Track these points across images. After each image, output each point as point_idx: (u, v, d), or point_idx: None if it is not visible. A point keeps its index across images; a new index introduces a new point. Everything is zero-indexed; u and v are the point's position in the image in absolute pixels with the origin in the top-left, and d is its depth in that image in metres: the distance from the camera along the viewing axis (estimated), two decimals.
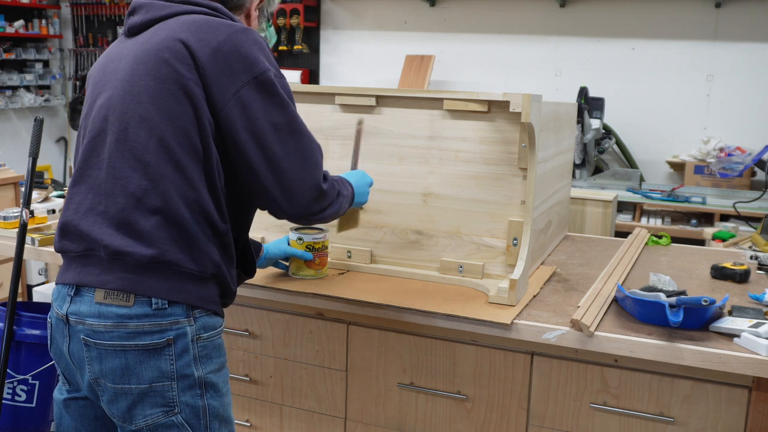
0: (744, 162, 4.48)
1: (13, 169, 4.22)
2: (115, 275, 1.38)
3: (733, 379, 1.63)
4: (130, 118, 1.39)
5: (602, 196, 2.95)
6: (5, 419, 2.31)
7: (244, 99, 1.39)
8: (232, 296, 1.54)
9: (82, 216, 1.42)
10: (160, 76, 1.39)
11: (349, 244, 2.13)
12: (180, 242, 1.39)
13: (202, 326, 1.44)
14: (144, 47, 1.43)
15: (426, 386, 1.90)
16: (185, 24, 1.43)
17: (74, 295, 1.42)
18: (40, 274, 4.20)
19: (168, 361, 1.39)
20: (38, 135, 2.30)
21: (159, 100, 1.38)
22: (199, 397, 1.43)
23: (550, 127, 2.13)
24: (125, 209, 1.38)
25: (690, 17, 4.86)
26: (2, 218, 2.44)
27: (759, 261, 2.26)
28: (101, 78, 1.50)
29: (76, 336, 1.42)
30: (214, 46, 1.39)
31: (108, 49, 1.57)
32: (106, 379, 1.40)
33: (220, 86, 1.39)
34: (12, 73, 6.58)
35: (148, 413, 1.40)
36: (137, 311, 1.37)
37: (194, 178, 1.39)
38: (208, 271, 1.43)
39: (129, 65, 1.43)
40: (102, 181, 1.41)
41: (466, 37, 5.49)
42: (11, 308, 2.26)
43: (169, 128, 1.38)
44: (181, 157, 1.38)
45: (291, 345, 2.03)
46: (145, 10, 1.49)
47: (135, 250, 1.36)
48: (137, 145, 1.38)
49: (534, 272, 2.12)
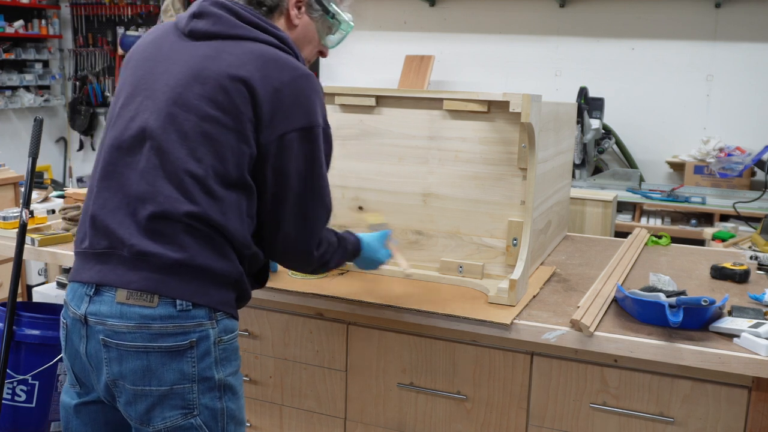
0: (744, 162, 4.48)
1: (12, 169, 4.22)
2: (139, 275, 1.36)
3: (732, 379, 1.62)
4: (174, 131, 1.39)
5: (602, 196, 2.95)
6: (5, 419, 2.31)
7: (286, 143, 1.42)
8: (247, 300, 1.53)
9: (110, 212, 1.40)
10: (215, 102, 1.39)
11: None
12: (207, 249, 1.39)
13: (222, 329, 1.43)
14: (204, 64, 1.42)
15: (426, 386, 1.90)
16: (252, 55, 1.42)
17: (93, 294, 1.39)
18: (39, 274, 4.19)
19: (190, 364, 1.38)
20: (38, 135, 2.30)
21: (207, 124, 1.39)
22: (217, 399, 1.43)
23: (549, 127, 2.13)
24: (155, 215, 1.36)
25: (690, 17, 4.86)
26: (2, 218, 2.44)
27: (759, 261, 2.26)
28: (149, 71, 1.47)
29: (94, 337, 1.39)
30: (277, 86, 1.41)
31: (158, 37, 1.53)
32: (126, 380, 1.38)
33: (272, 126, 1.41)
34: (12, 73, 6.58)
35: (167, 415, 1.39)
36: (161, 312, 1.36)
37: (222, 199, 1.40)
38: (232, 277, 1.43)
39: (185, 76, 1.42)
40: (134, 183, 1.39)
41: (465, 37, 5.48)
42: (11, 308, 2.26)
43: (208, 151, 1.39)
44: (214, 181, 1.39)
45: (291, 345, 2.03)
46: (214, 20, 1.47)
47: (162, 252, 1.35)
48: (176, 161, 1.38)
49: (534, 272, 2.12)
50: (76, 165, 7.34)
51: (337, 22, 1.64)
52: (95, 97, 7.01)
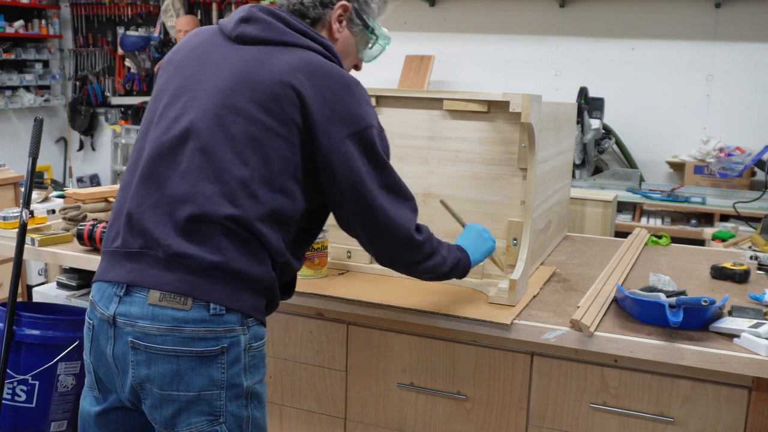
0: (744, 162, 4.48)
1: (12, 169, 4.22)
2: (174, 276, 1.34)
3: (732, 380, 1.62)
4: (222, 133, 1.39)
5: (602, 196, 2.95)
6: (5, 419, 2.31)
7: (347, 151, 1.43)
8: (274, 309, 1.52)
9: (146, 211, 1.39)
10: (264, 107, 1.39)
11: (349, 244, 2.13)
12: (243, 253, 1.37)
13: (253, 336, 1.42)
14: (254, 68, 1.42)
15: (426, 386, 1.90)
16: (302, 63, 1.43)
17: (124, 295, 1.37)
18: (39, 274, 4.20)
19: (219, 370, 1.37)
20: (38, 135, 2.30)
21: (255, 128, 1.39)
22: (244, 407, 1.41)
23: (549, 127, 2.13)
24: (193, 216, 1.35)
25: (690, 17, 4.86)
26: (2, 218, 2.44)
27: (759, 261, 2.26)
28: (195, 73, 1.47)
29: (122, 338, 1.37)
30: (327, 94, 1.41)
31: (203, 40, 1.53)
32: (153, 384, 1.36)
33: (327, 133, 1.41)
34: (12, 73, 6.58)
35: (193, 421, 1.37)
36: (194, 315, 1.34)
37: (265, 203, 1.39)
38: (265, 283, 1.42)
39: (234, 79, 1.42)
40: (174, 183, 1.38)
41: (465, 37, 5.48)
42: (11, 308, 2.26)
43: (255, 155, 1.38)
44: (259, 185, 1.38)
45: (291, 345, 2.03)
46: (263, 26, 1.47)
47: (199, 254, 1.34)
48: (221, 162, 1.37)
49: (534, 272, 2.12)
50: (76, 165, 7.35)
51: (375, 36, 1.67)
52: (95, 97, 7.01)
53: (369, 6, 1.64)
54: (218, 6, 6.28)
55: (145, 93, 6.72)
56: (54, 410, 2.36)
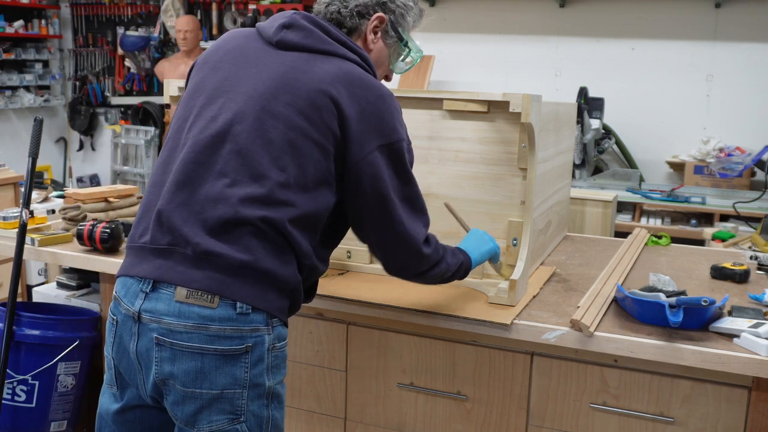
0: (744, 162, 4.48)
1: (12, 169, 4.22)
2: (203, 274, 1.35)
3: (732, 380, 1.62)
4: (260, 137, 1.40)
5: (602, 196, 2.95)
6: (5, 419, 2.31)
7: (376, 161, 1.45)
8: (296, 311, 1.53)
9: (177, 209, 1.39)
10: (303, 113, 1.41)
11: (349, 244, 2.13)
12: (272, 253, 1.39)
13: (276, 336, 1.43)
14: (295, 75, 1.44)
15: (426, 386, 1.90)
16: (341, 72, 1.46)
17: (150, 291, 1.38)
18: (39, 274, 4.19)
19: (243, 369, 1.38)
20: (38, 135, 2.30)
21: (294, 133, 1.41)
22: (265, 407, 1.42)
23: (549, 128, 2.13)
24: (225, 216, 1.36)
25: (690, 17, 4.86)
26: (2, 218, 2.44)
27: (759, 261, 2.26)
28: (233, 74, 1.48)
29: (146, 335, 1.38)
30: (363, 105, 1.45)
31: (241, 43, 1.54)
32: (177, 381, 1.37)
33: (360, 143, 1.44)
34: (12, 73, 6.58)
35: (214, 419, 1.38)
36: (220, 314, 1.35)
37: (298, 207, 1.41)
38: (291, 284, 1.43)
39: (275, 83, 1.44)
40: (209, 184, 1.39)
41: (465, 37, 5.48)
42: (11, 308, 2.26)
43: (292, 162, 1.40)
44: (291, 189, 1.40)
45: (291, 345, 2.03)
46: (305, 33, 1.50)
47: (228, 253, 1.35)
48: (258, 166, 1.39)
49: (534, 272, 2.12)
50: (75, 165, 7.34)
51: (408, 49, 1.69)
52: (95, 97, 7.00)
53: (405, 19, 1.67)
54: (218, 6, 6.28)
55: (145, 93, 6.72)
56: (54, 410, 2.36)
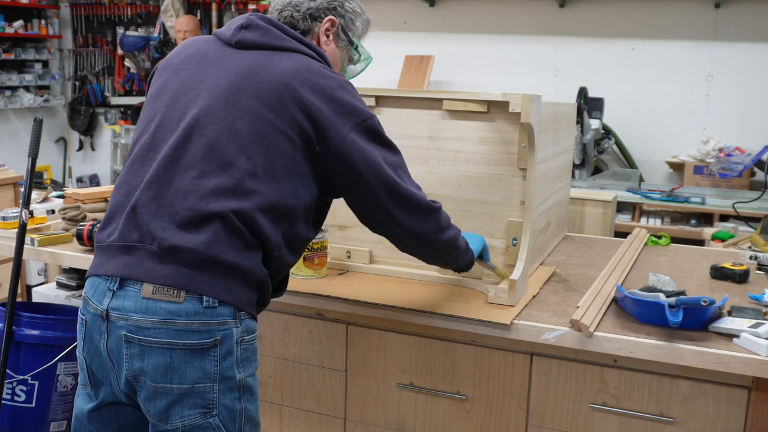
0: (743, 162, 4.48)
1: (12, 169, 4.22)
2: (168, 269, 1.36)
3: (732, 380, 1.63)
4: (226, 128, 1.43)
5: (602, 196, 2.95)
6: (5, 419, 2.31)
7: (356, 139, 1.48)
8: (265, 306, 1.54)
9: (145, 203, 1.41)
10: (268, 104, 1.44)
11: (349, 244, 2.13)
12: (237, 246, 1.39)
13: (245, 329, 1.43)
14: (256, 69, 1.48)
15: (425, 386, 1.90)
16: (301, 66, 1.49)
17: (117, 289, 1.39)
18: (39, 274, 4.20)
19: (212, 362, 1.38)
20: (37, 135, 2.30)
21: (260, 124, 1.43)
22: (237, 400, 1.43)
23: (549, 128, 2.13)
24: (194, 209, 1.37)
25: (690, 17, 4.86)
26: (2, 218, 2.44)
27: (758, 261, 2.26)
28: (196, 74, 1.51)
29: (115, 332, 1.39)
30: (327, 93, 1.48)
31: (201, 47, 1.58)
32: (147, 377, 1.37)
33: (336, 126, 1.47)
34: (11, 73, 6.58)
35: (186, 414, 1.39)
36: (187, 308, 1.36)
37: (266, 196, 1.42)
38: (257, 277, 1.43)
39: (237, 78, 1.47)
40: (178, 177, 1.41)
41: (465, 38, 5.48)
42: (11, 308, 2.26)
43: (258, 151, 1.43)
44: (259, 177, 1.42)
45: (290, 345, 2.03)
46: (262, 33, 1.54)
47: (193, 247, 1.36)
48: (225, 157, 1.41)
49: (533, 272, 2.12)
50: (75, 165, 7.35)
51: (358, 53, 1.75)
52: (95, 97, 7.01)
53: (354, 24, 1.72)
54: (218, 6, 6.28)
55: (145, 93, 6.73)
56: (54, 410, 2.36)
